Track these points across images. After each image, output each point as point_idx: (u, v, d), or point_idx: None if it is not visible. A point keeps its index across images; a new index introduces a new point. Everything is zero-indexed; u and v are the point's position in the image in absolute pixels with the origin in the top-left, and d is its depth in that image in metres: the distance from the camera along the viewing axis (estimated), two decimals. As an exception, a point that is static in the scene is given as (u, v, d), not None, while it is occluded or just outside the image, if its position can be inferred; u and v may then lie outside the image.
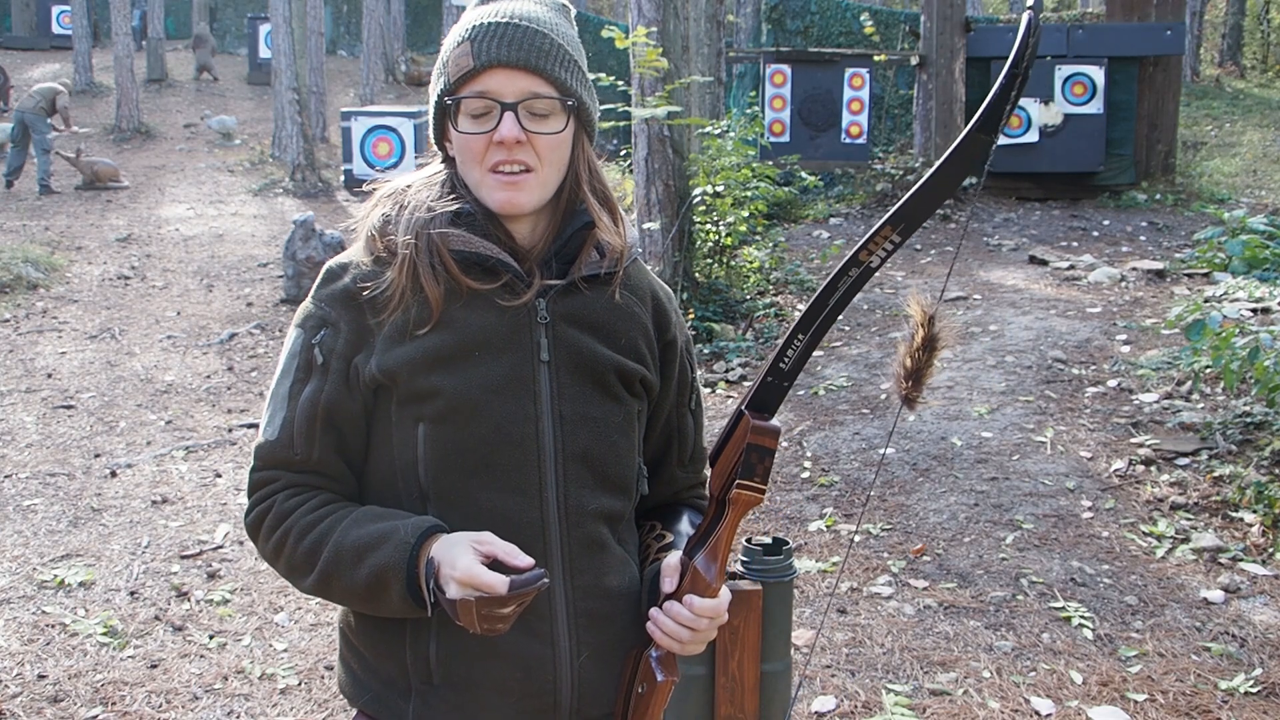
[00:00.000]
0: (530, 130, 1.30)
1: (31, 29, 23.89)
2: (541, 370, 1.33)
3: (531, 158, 1.31)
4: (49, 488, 4.88)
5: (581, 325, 1.37)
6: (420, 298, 1.31)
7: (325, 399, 1.33)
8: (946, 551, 4.03)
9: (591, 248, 1.39)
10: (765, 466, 1.25)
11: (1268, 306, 5.92)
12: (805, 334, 1.18)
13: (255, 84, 21.07)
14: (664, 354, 1.46)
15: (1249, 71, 23.93)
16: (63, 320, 8.00)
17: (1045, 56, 11.47)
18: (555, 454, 1.33)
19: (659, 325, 1.46)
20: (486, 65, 1.29)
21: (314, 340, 1.35)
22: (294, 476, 1.35)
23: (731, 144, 7.90)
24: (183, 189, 13.82)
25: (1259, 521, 4.07)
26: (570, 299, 1.37)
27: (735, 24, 15.88)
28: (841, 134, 11.80)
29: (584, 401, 1.35)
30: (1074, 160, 11.43)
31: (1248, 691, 3.06)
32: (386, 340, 1.31)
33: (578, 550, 1.34)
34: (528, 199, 1.33)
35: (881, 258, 1.13)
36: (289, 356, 1.38)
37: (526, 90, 1.30)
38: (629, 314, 1.41)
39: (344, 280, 1.36)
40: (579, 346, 1.36)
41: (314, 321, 1.36)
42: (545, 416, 1.33)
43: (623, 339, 1.40)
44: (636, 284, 1.45)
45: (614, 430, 1.37)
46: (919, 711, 3.02)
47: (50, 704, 3.14)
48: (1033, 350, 6.35)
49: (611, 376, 1.37)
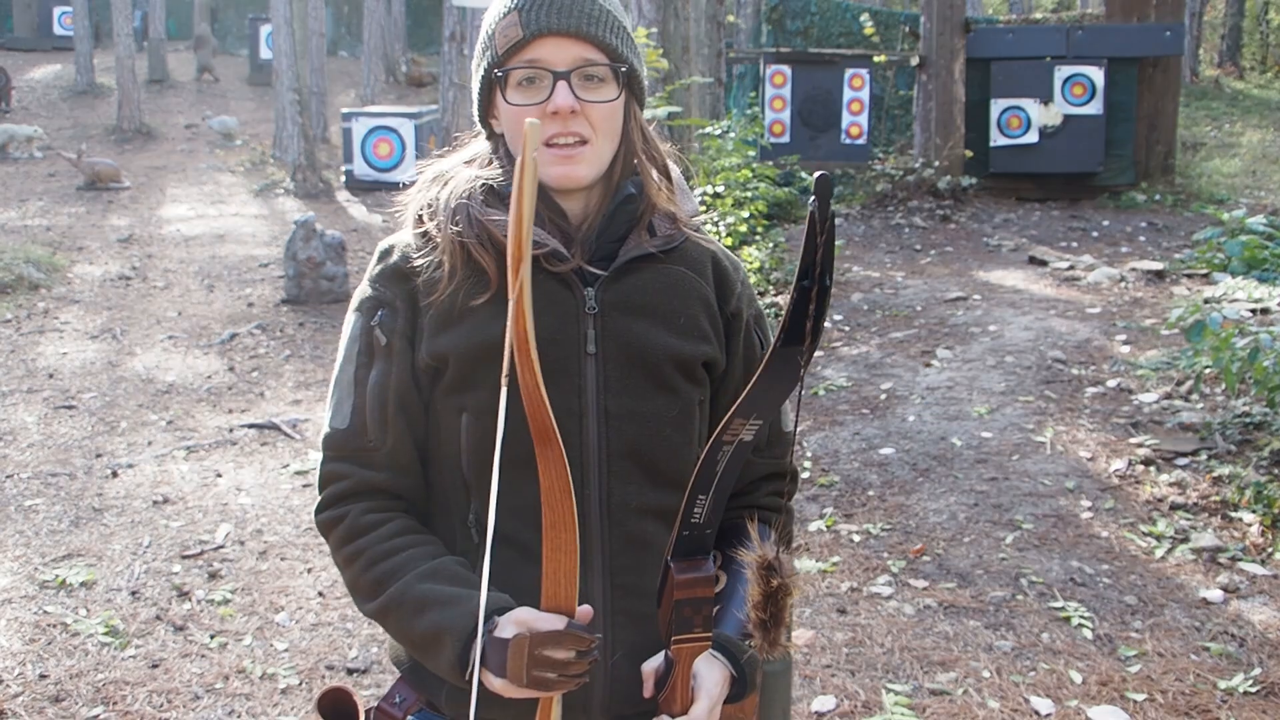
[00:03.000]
0: (584, 99, 1.25)
1: (33, 30, 23.89)
2: (588, 364, 1.28)
3: (586, 128, 1.26)
4: (50, 488, 4.89)
5: (634, 311, 1.31)
6: (472, 272, 1.28)
7: (396, 382, 1.30)
8: (946, 551, 4.04)
9: (647, 222, 1.34)
10: (704, 614, 1.16)
11: (1267, 307, 5.92)
12: (706, 494, 1.12)
13: (256, 84, 21.08)
14: (728, 327, 1.38)
15: (1248, 72, 23.94)
16: (64, 320, 8.00)
17: (1045, 57, 11.49)
18: (600, 450, 1.28)
19: (721, 295, 1.38)
20: (536, 34, 1.24)
21: (373, 322, 1.31)
22: (367, 475, 1.31)
23: (732, 144, 7.91)
24: (184, 189, 13.83)
25: (1258, 521, 4.08)
26: (621, 283, 1.31)
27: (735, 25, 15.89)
28: (841, 134, 11.81)
29: (633, 395, 1.29)
30: (1074, 161, 11.44)
31: (1247, 691, 3.07)
32: (435, 323, 1.28)
33: (619, 548, 1.30)
34: (585, 172, 1.28)
35: (753, 434, 1.08)
36: (349, 341, 1.34)
37: (578, 58, 1.25)
38: (686, 288, 1.34)
39: (393, 259, 1.33)
40: (630, 336, 1.30)
41: (370, 303, 1.33)
42: (590, 412, 1.28)
43: (681, 318, 1.33)
44: (695, 254, 1.38)
45: (667, 425, 1.31)
46: (919, 711, 3.03)
47: (52, 703, 3.15)
48: (1032, 350, 6.35)
49: (667, 367, 1.31)
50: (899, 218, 10.73)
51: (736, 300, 1.39)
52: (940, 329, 7.03)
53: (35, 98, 19.36)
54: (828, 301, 0.89)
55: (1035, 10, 24.81)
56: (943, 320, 7.23)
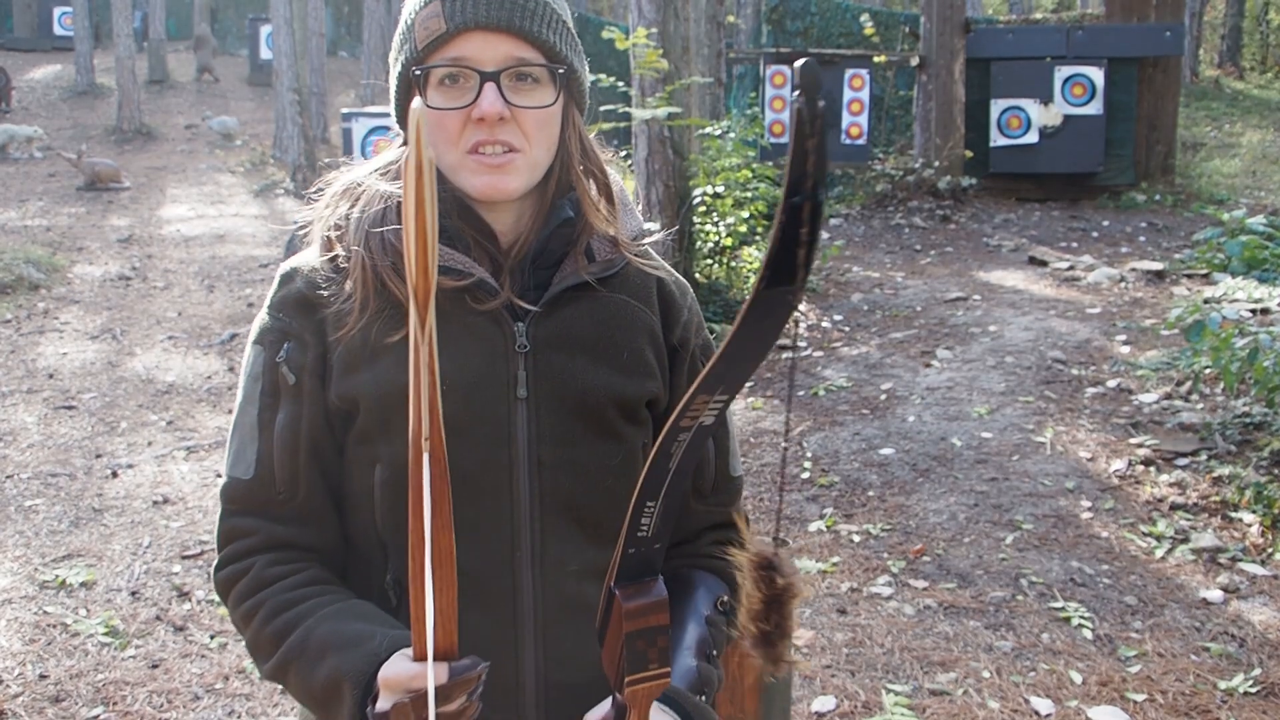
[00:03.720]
0: (515, 104, 1.10)
1: (33, 30, 23.89)
2: (518, 409, 1.14)
3: (517, 136, 1.11)
4: (50, 488, 4.89)
5: (570, 347, 1.16)
6: (386, 304, 1.12)
7: (308, 426, 1.15)
8: (946, 552, 4.04)
9: (584, 245, 1.19)
10: (660, 646, 0.98)
11: (1267, 307, 5.93)
12: (655, 500, 0.94)
13: (256, 85, 21.08)
14: (673, 358, 1.24)
15: (1248, 72, 23.93)
16: (64, 321, 8.00)
17: (1045, 57, 11.49)
18: (531, 506, 1.14)
19: (666, 323, 1.24)
20: (462, 27, 1.09)
21: (278, 358, 1.15)
22: (277, 531, 1.15)
23: (731, 145, 7.91)
24: (184, 190, 13.83)
25: (1258, 522, 4.08)
26: (556, 316, 1.17)
27: (735, 25, 15.88)
28: (841, 135, 11.81)
29: (570, 443, 1.15)
30: (1073, 161, 11.44)
31: (1247, 691, 3.07)
32: (344, 361, 1.13)
33: (554, 614, 1.16)
34: (515, 183, 1.12)
35: (714, 416, 0.87)
36: (249, 379, 1.17)
37: (509, 56, 1.10)
38: (629, 319, 1.20)
39: (297, 285, 1.18)
40: (566, 377, 1.15)
41: (274, 335, 1.17)
42: (521, 463, 1.13)
43: (624, 352, 1.19)
44: (638, 279, 1.23)
45: (608, 474, 1.17)
46: (919, 711, 3.03)
47: (52, 703, 3.15)
48: (1032, 351, 6.35)
49: (609, 410, 1.17)
50: (899, 218, 10.73)
51: (682, 328, 1.25)
52: (940, 329, 7.03)
53: (35, 98, 19.36)
54: (821, 223, 0.71)
55: (1035, 10, 24.82)
56: (943, 320, 7.23)
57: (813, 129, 0.71)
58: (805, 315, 7.47)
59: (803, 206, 0.71)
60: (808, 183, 0.71)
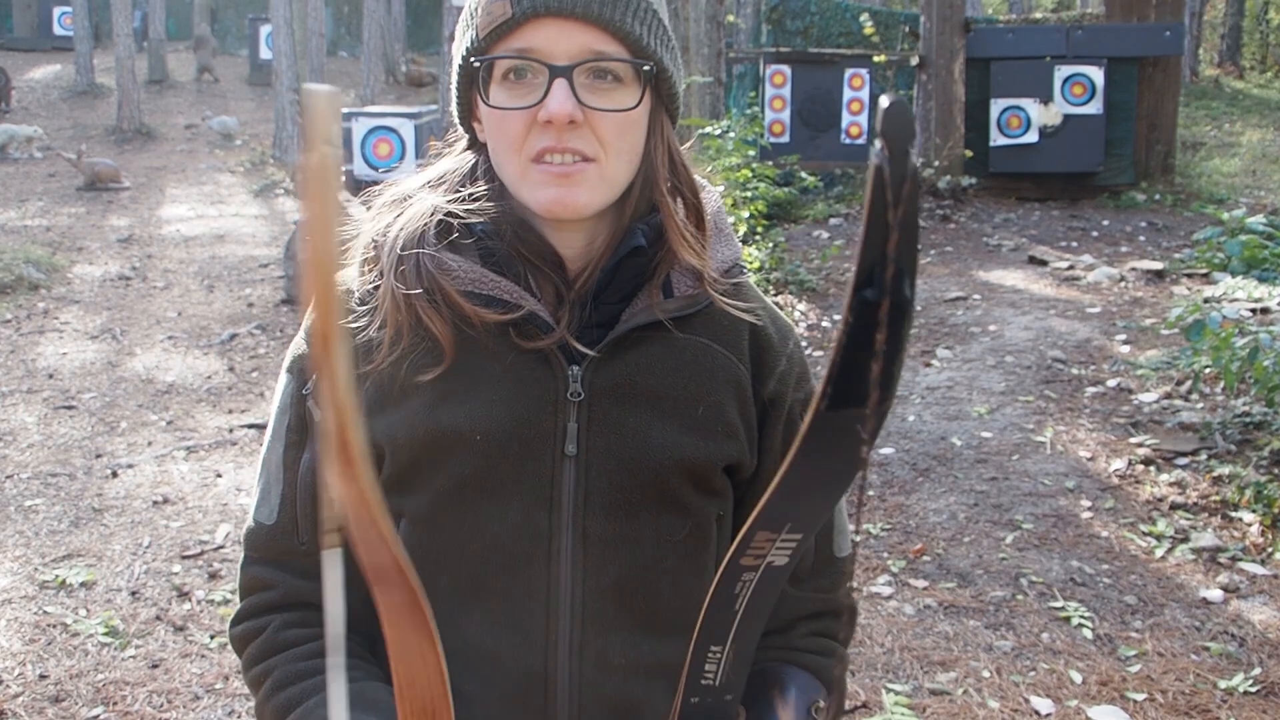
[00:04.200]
0: (590, 106, 0.94)
1: (33, 30, 23.90)
2: (566, 468, 0.97)
3: (591, 144, 0.94)
4: (50, 488, 4.89)
5: (633, 399, 0.99)
6: (421, 338, 0.98)
7: None
8: (946, 551, 4.04)
9: (662, 277, 1.01)
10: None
11: (1267, 306, 5.92)
12: (722, 645, 0.80)
13: (256, 85, 21.08)
14: (763, 415, 1.04)
15: (1248, 72, 23.94)
16: (64, 321, 8.00)
17: (1045, 57, 11.49)
18: (573, 586, 0.98)
19: (759, 373, 1.04)
20: (530, 13, 0.93)
21: (306, 389, 1.05)
22: (297, 585, 1.03)
23: (731, 144, 7.91)
24: (183, 190, 13.83)
25: (1258, 521, 4.08)
26: (620, 360, 0.99)
27: (735, 24, 15.88)
28: (841, 134, 11.81)
29: (625, 514, 0.98)
30: (1073, 160, 11.44)
31: (1247, 691, 3.07)
32: (372, 399, 1.00)
33: (593, 717, 0.99)
34: (587, 198, 0.96)
35: (786, 556, 0.72)
36: (279, 412, 1.07)
37: (586, 49, 0.94)
38: (709, 366, 1.01)
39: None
40: (626, 433, 0.98)
41: (303, 363, 1.07)
42: (564, 534, 0.97)
43: (699, 407, 1.00)
44: (725, 320, 1.04)
45: (669, 553, 1.00)
46: (919, 711, 3.03)
47: (52, 704, 3.15)
48: (1032, 350, 6.35)
49: (674, 476, 0.98)
50: (899, 217, 10.73)
51: (778, 380, 1.05)
52: (940, 329, 7.03)
53: (35, 98, 19.36)
54: (906, 331, 0.53)
55: (1035, 10, 24.81)
56: (943, 320, 7.23)
57: (898, 195, 0.50)
58: (805, 315, 7.47)
59: (879, 305, 0.52)
60: (888, 271, 0.51)
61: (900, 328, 0.52)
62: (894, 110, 0.50)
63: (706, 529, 1.02)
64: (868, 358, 0.53)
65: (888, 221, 0.51)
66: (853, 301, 0.52)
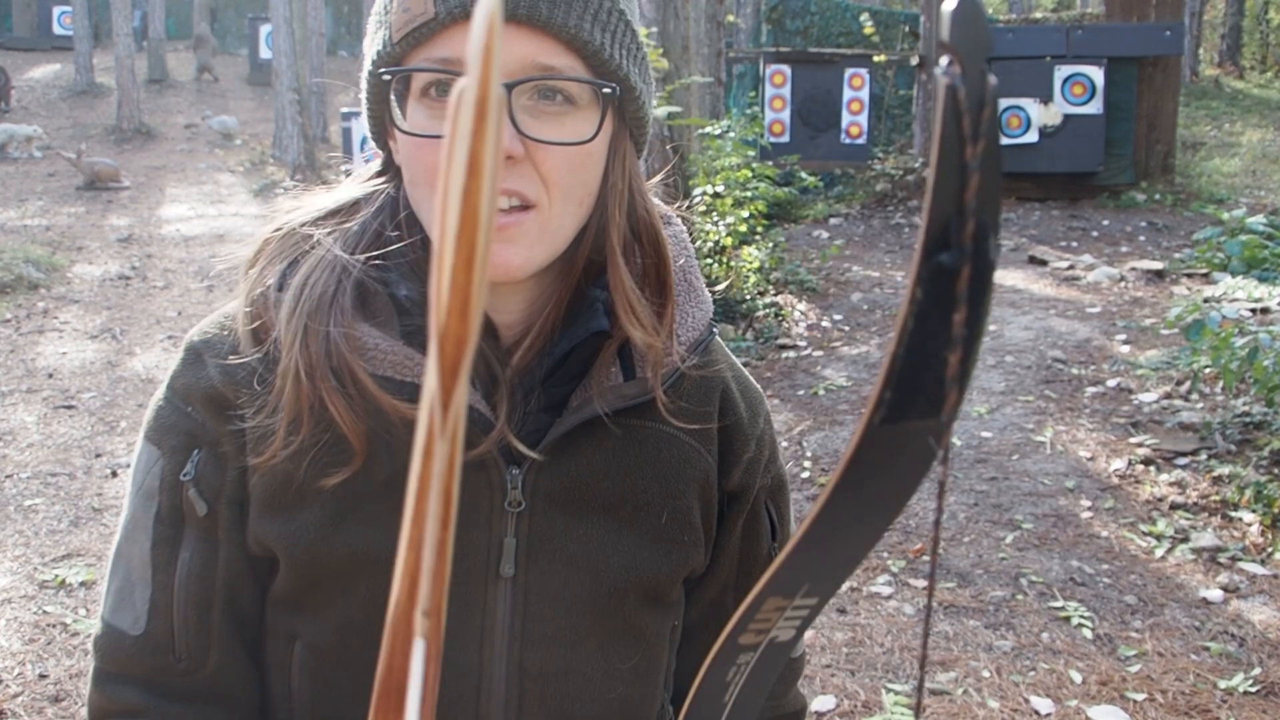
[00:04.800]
0: (531, 137, 0.74)
1: (32, 29, 23.90)
2: (501, 593, 0.81)
3: (532, 184, 0.75)
4: (50, 487, 4.89)
5: (585, 507, 0.82)
6: (322, 431, 0.78)
7: (225, 572, 0.82)
8: (946, 551, 4.04)
9: (614, 351, 0.82)
10: None
11: (1266, 306, 5.93)
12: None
13: (256, 84, 21.09)
14: (725, 507, 0.89)
15: (1248, 72, 23.94)
16: (64, 320, 8.00)
17: (1045, 57, 11.49)
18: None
19: (724, 462, 0.88)
20: (460, 13, 0.72)
21: (184, 474, 0.82)
22: (172, 713, 0.83)
23: (731, 144, 7.91)
24: (183, 189, 13.83)
25: (1258, 521, 4.08)
26: (569, 458, 0.82)
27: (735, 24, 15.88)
28: (841, 134, 11.81)
29: (569, 644, 0.83)
30: (1073, 160, 11.45)
31: (1246, 691, 3.07)
32: (264, 494, 0.81)
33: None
34: (524, 257, 0.76)
35: (794, 629, 0.57)
36: (141, 495, 0.84)
37: (530, 62, 0.73)
38: (676, 462, 0.85)
39: (209, 373, 0.83)
40: (574, 550, 0.82)
41: (177, 437, 0.83)
42: (497, 669, 0.81)
43: (664, 513, 0.84)
44: (696, 394, 0.87)
45: (619, 682, 0.85)
46: (920, 711, 3.03)
47: (51, 703, 3.15)
48: (1032, 350, 6.36)
49: (628, 600, 0.83)
50: (899, 217, 10.73)
51: (744, 469, 0.89)
52: (940, 329, 7.03)
53: (35, 97, 19.36)
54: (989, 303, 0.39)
55: (1035, 10, 24.81)
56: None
57: (976, 125, 0.37)
58: (805, 314, 7.47)
59: (958, 273, 0.38)
60: (967, 227, 0.37)
61: (982, 304, 0.39)
62: (965, 9, 0.36)
63: (660, 648, 0.88)
64: (942, 347, 0.39)
65: (965, 161, 0.37)
66: (922, 271, 0.38)
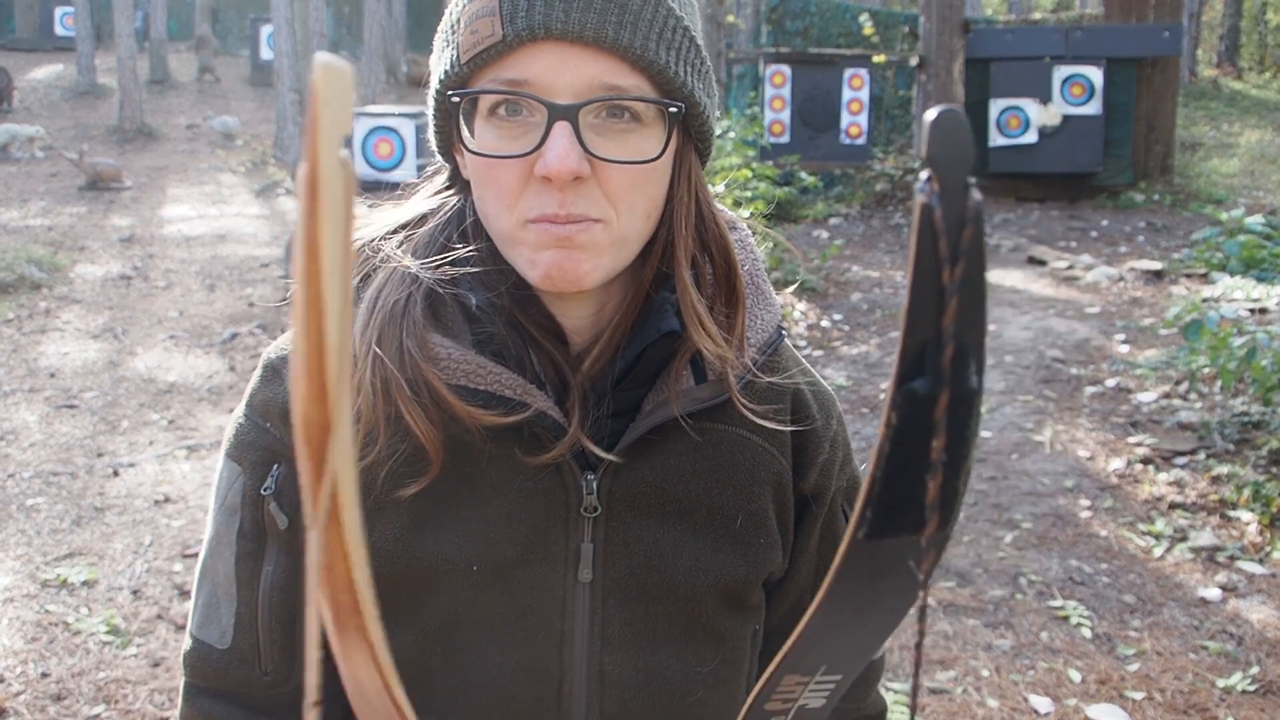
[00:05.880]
0: (598, 156, 0.74)
1: (34, 30, 23.91)
2: (580, 596, 0.82)
3: (598, 204, 0.75)
4: (52, 487, 4.91)
5: (661, 511, 0.83)
6: (399, 441, 0.79)
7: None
8: (945, 550, 4.05)
9: (688, 355, 0.82)
10: None
11: (1265, 306, 5.94)
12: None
13: (257, 85, 21.11)
14: (802, 509, 0.90)
15: (1246, 72, 23.95)
16: (65, 320, 8.02)
17: (1044, 57, 11.51)
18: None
19: (799, 465, 0.88)
20: (527, 36, 0.73)
21: (265, 489, 0.84)
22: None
23: (731, 144, 7.92)
24: (185, 189, 13.84)
25: (1256, 520, 4.09)
26: (644, 463, 0.82)
27: (735, 25, 15.89)
28: (841, 134, 11.82)
29: (648, 647, 0.83)
30: (1072, 161, 11.46)
31: (1245, 690, 3.08)
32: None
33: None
34: (591, 266, 0.76)
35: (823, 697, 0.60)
36: (224, 510, 0.86)
37: (596, 83, 0.74)
38: (750, 464, 0.85)
39: (285, 389, 0.83)
40: (652, 555, 0.82)
41: (257, 453, 0.85)
42: (577, 673, 0.82)
43: (739, 516, 0.84)
44: (766, 396, 0.86)
45: (699, 684, 0.85)
46: (918, 710, 3.04)
47: (53, 702, 3.16)
48: (1031, 350, 6.37)
49: (707, 602, 0.84)
50: (898, 217, 10.74)
51: (820, 471, 0.90)
52: (940, 329, 7.04)
53: (37, 98, 19.37)
54: (975, 428, 0.39)
55: (1034, 10, 24.83)
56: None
57: (955, 247, 0.35)
58: (805, 314, 7.48)
59: (935, 401, 0.37)
60: (945, 353, 0.36)
61: (965, 429, 0.38)
62: (945, 124, 0.35)
63: (740, 651, 0.88)
64: (920, 471, 0.39)
65: (942, 284, 0.36)
66: (897, 396, 0.38)
